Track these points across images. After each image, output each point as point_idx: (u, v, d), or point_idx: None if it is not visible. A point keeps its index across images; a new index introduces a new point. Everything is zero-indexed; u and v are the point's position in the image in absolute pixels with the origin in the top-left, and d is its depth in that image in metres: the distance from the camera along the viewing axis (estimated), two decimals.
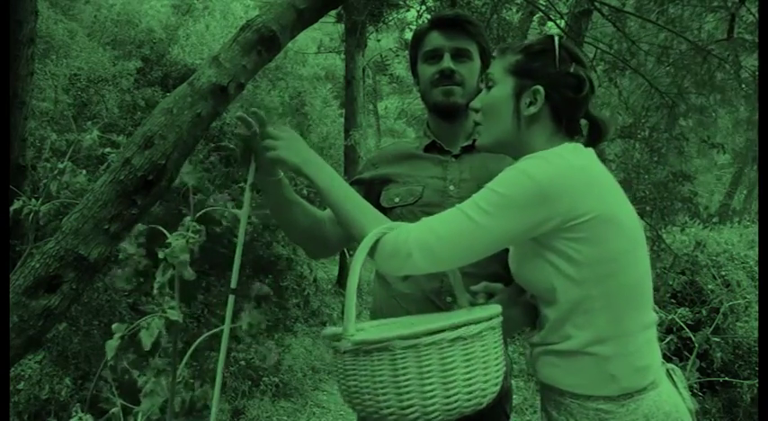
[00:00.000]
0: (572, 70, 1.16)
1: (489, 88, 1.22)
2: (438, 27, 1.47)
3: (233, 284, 1.30)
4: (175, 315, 1.29)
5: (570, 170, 1.06)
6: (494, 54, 1.26)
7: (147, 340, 1.25)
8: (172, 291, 1.33)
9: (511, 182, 1.06)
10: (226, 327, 1.27)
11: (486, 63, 1.50)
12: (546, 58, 1.17)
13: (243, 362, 4.89)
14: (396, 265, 1.08)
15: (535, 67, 1.17)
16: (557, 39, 1.20)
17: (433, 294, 1.39)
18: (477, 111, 1.24)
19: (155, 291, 1.32)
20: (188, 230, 1.34)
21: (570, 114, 1.18)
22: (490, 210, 1.04)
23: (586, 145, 1.20)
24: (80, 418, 1.48)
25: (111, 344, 1.27)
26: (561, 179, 1.04)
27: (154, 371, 1.35)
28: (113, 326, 1.30)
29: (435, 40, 1.46)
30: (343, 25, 6.97)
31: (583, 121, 1.23)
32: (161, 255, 1.31)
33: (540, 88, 1.15)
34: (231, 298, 1.28)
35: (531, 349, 1.22)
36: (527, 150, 1.16)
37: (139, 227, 1.47)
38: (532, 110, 1.16)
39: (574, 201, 1.04)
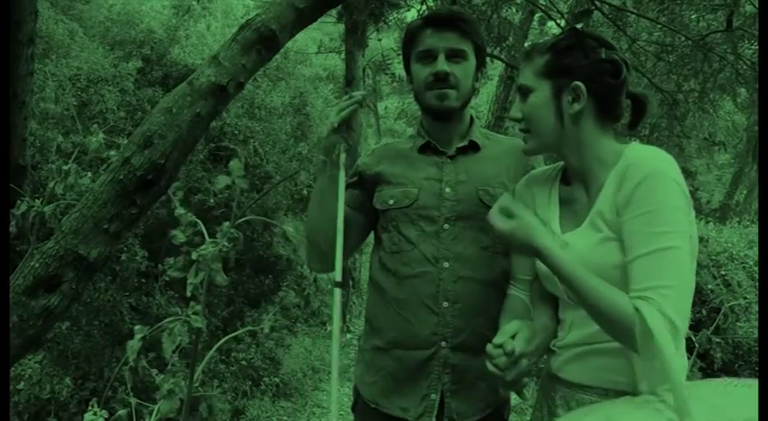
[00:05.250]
0: (605, 56, 1.14)
1: (526, 96, 1.19)
2: (431, 25, 1.42)
3: (337, 278, 1.25)
4: (199, 321, 1.27)
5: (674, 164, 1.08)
6: (519, 60, 1.22)
7: (168, 346, 1.23)
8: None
9: (665, 192, 1.04)
10: (335, 324, 1.22)
11: (481, 61, 1.46)
12: (576, 52, 1.14)
13: (243, 363, 4.89)
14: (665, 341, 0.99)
15: (568, 64, 1.14)
16: (580, 30, 1.18)
17: (429, 299, 1.36)
18: (519, 120, 1.22)
19: (187, 293, 1.30)
20: (224, 237, 1.32)
21: (614, 100, 1.16)
22: (674, 229, 1.03)
23: (631, 124, 1.21)
24: (95, 413, 1.48)
25: (134, 346, 1.26)
26: (678, 172, 1.06)
27: (173, 371, 1.34)
28: (136, 327, 1.29)
29: (429, 39, 1.40)
30: (343, 25, 6.97)
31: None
32: (194, 256, 1.29)
33: (580, 84, 1.13)
34: (337, 291, 1.24)
35: (559, 353, 1.20)
36: (578, 147, 1.16)
37: (189, 217, 1.45)
38: (577, 107, 1.14)
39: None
